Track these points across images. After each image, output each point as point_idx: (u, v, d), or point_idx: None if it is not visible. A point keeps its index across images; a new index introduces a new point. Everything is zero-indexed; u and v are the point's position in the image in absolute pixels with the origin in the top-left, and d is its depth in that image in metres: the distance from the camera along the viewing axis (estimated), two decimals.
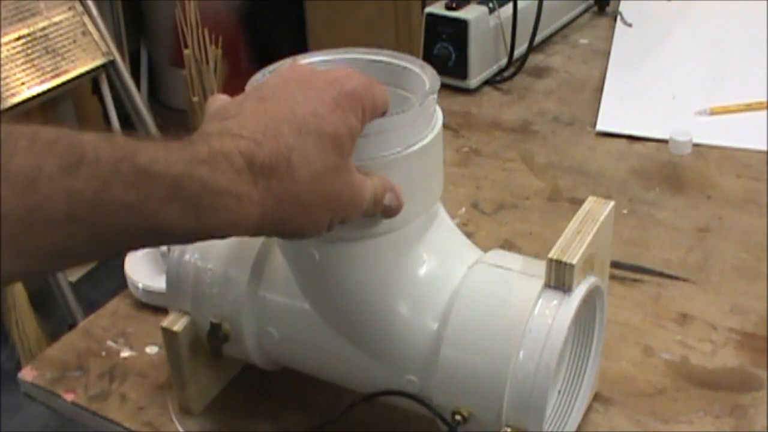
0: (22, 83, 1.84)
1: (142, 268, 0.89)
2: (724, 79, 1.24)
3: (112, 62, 1.99)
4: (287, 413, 0.75)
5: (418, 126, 0.60)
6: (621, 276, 0.88)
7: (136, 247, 0.51)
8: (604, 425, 0.72)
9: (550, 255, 0.61)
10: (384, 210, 0.59)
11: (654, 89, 1.24)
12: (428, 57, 1.23)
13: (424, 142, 0.60)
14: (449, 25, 1.22)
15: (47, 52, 1.89)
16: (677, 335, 0.81)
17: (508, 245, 0.94)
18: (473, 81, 1.25)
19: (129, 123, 2.09)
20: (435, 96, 0.61)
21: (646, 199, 1.01)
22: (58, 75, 1.89)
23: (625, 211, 0.99)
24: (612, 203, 0.67)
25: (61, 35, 1.92)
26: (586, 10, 1.50)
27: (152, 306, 0.87)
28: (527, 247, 0.93)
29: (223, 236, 0.52)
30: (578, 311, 0.61)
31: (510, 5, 1.26)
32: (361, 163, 0.57)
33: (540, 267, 0.62)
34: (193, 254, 0.71)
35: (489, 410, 0.60)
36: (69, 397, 0.78)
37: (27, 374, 0.81)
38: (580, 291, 0.61)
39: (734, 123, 1.15)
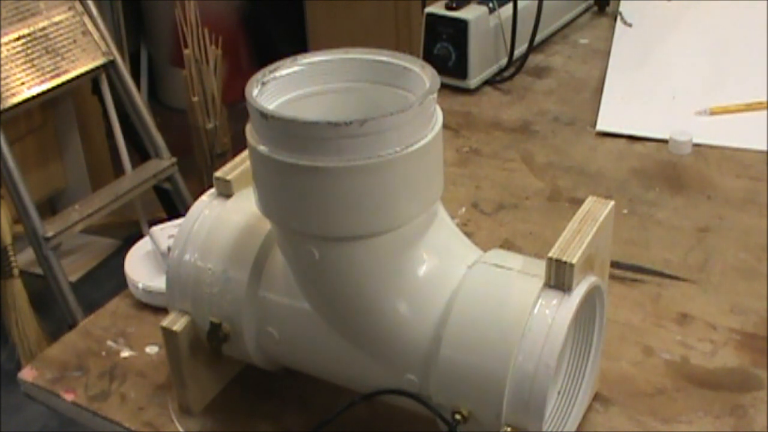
0: (22, 83, 1.84)
1: (142, 268, 0.89)
2: (724, 79, 1.24)
3: (112, 62, 1.99)
4: (287, 413, 0.75)
5: (418, 125, 0.60)
6: (621, 276, 0.88)
7: None
8: (604, 425, 0.72)
9: (549, 254, 0.61)
10: None
11: (654, 89, 1.24)
12: (428, 57, 1.23)
13: (424, 141, 0.60)
14: (449, 25, 1.22)
15: (47, 52, 1.89)
16: (677, 335, 0.81)
17: (508, 245, 0.94)
18: (473, 81, 1.25)
19: (129, 123, 2.09)
20: (435, 96, 0.61)
21: (646, 199, 1.01)
22: (58, 75, 1.90)
23: (625, 211, 0.99)
24: (612, 203, 0.67)
25: (61, 35, 1.92)
26: (586, 10, 1.50)
27: (152, 306, 0.87)
28: (527, 247, 0.93)
29: None
30: (578, 311, 0.61)
31: (510, 5, 1.26)
32: (361, 162, 0.57)
33: (540, 266, 0.62)
34: (193, 254, 0.71)
35: (488, 410, 0.60)
36: (69, 397, 0.78)
37: (27, 374, 0.81)
38: (579, 291, 0.61)
39: (734, 123, 1.15)
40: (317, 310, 0.66)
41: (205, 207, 0.73)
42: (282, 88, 0.65)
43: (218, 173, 0.73)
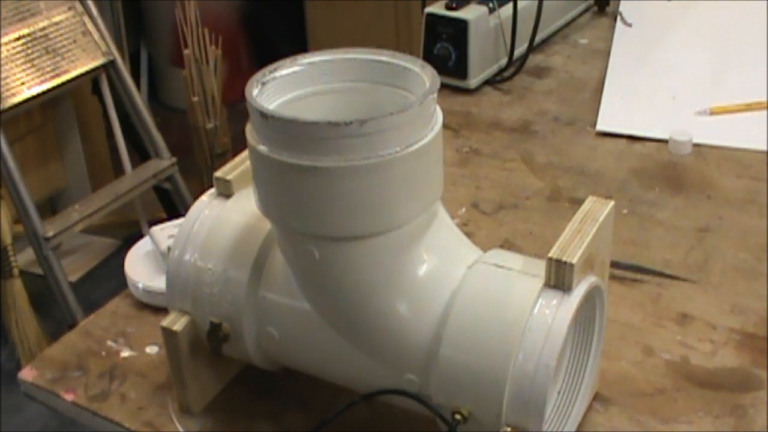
0: (22, 83, 1.84)
1: (142, 268, 0.89)
2: (724, 79, 1.24)
3: (112, 62, 1.99)
4: (287, 413, 0.75)
5: (418, 125, 0.60)
6: (621, 276, 0.88)
7: None
8: (604, 425, 0.72)
9: (550, 254, 0.61)
10: None
11: (654, 89, 1.24)
12: (428, 57, 1.23)
13: (424, 141, 0.60)
14: (449, 25, 1.22)
15: (47, 52, 1.89)
16: (677, 335, 0.81)
17: (508, 245, 0.94)
18: (473, 81, 1.25)
19: (129, 123, 2.09)
20: (435, 96, 0.61)
21: (646, 199, 1.01)
22: (58, 75, 1.89)
23: (625, 211, 0.99)
24: (612, 203, 0.67)
25: (61, 35, 1.92)
26: (586, 10, 1.50)
27: (152, 306, 0.87)
28: (527, 247, 0.93)
29: None
30: (578, 311, 0.61)
31: (510, 5, 1.26)
32: (361, 162, 0.57)
33: (540, 266, 0.62)
34: (193, 254, 0.71)
35: (489, 410, 0.60)
36: (69, 397, 0.78)
37: (27, 374, 0.81)
38: (579, 290, 0.61)
39: (734, 123, 1.15)
40: (317, 310, 0.66)
41: (205, 207, 0.73)
42: (282, 88, 0.65)
43: (218, 173, 0.73)
